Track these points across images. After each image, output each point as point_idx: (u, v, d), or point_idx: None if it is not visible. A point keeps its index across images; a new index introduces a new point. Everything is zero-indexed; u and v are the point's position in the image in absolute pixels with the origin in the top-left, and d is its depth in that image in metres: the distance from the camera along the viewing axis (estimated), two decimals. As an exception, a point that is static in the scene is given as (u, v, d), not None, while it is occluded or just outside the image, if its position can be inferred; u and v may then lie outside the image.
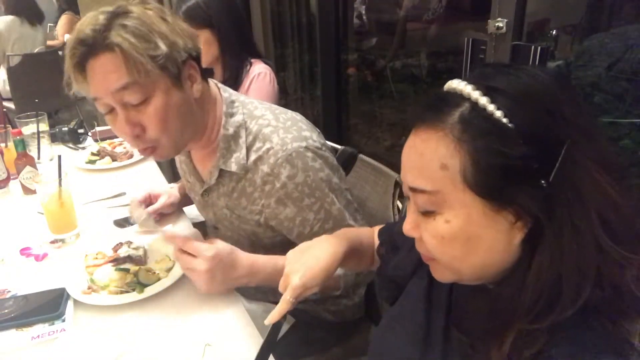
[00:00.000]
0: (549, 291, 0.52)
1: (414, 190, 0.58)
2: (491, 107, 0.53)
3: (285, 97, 3.04)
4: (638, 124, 1.65)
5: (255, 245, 1.12)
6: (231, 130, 1.04)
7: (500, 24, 1.31)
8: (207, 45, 1.65)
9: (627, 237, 0.53)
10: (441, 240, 0.57)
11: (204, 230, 1.24)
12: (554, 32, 1.73)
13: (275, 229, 1.08)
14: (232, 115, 1.05)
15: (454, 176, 0.55)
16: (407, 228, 0.62)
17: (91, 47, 0.88)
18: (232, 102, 1.07)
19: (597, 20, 1.66)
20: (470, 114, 0.54)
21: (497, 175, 0.53)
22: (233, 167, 1.03)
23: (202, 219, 1.66)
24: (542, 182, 0.52)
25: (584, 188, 0.53)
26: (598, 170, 0.53)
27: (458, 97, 0.56)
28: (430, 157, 0.56)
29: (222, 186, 1.09)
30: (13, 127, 1.68)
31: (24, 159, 1.49)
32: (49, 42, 4.45)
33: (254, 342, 0.87)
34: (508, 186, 0.53)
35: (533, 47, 1.28)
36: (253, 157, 1.03)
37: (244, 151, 1.03)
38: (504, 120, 0.53)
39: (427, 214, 0.58)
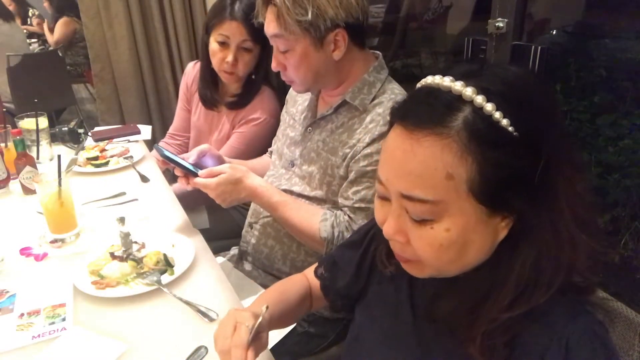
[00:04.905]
0: (527, 283, 0.56)
1: (409, 198, 0.56)
2: (497, 115, 0.52)
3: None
4: (638, 124, 1.65)
5: (322, 181, 1.20)
6: (371, 79, 1.17)
7: (500, 24, 1.31)
8: (254, 60, 1.64)
9: (592, 227, 0.57)
10: (439, 247, 0.56)
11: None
12: (554, 32, 1.73)
13: (349, 166, 1.15)
14: (370, 83, 1.18)
15: (459, 185, 0.53)
16: (391, 233, 0.59)
17: None
18: (377, 83, 1.18)
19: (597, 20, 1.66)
20: (475, 119, 0.53)
21: (501, 183, 0.53)
22: (356, 102, 1.15)
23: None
24: (530, 183, 0.54)
25: (559, 187, 0.55)
26: (569, 169, 0.56)
27: (455, 99, 0.54)
28: (434, 166, 0.53)
29: (331, 122, 1.20)
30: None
31: (24, 159, 1.49)
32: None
33: (254, 342, 0.87)
34: (507, 192, 0.54)
35: (533, 47, 1.28)
36: (375, 101, 1.15)
37: (371, 96, 1.16)
38: (510, 129, 0.52)
39: (423, 222, 0.56)
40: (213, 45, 1.61)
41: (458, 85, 0.54)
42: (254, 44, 1.60)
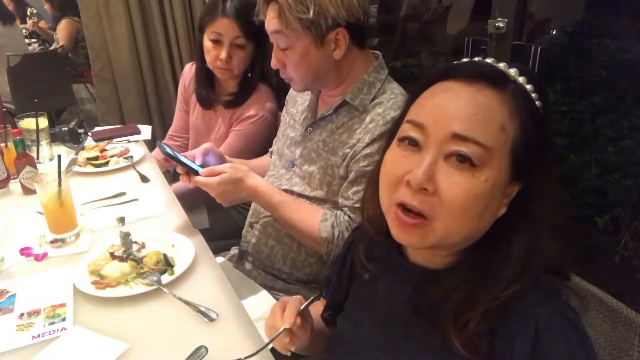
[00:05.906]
0: (522, 263, 0.59)
1: (464, 139, 0.57)
2: (534, 95, 0.61)
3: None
4: (638, 124, 1.65)
5: (322, 181, 1.20)
6: (371, 79, 1.17)
7: (500, 24, 1.31)
8: (249, 57, 1.65)
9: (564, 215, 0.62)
10: (474, 197, 0.57)
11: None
12: (554, 32, 1.73)
13: (349, 166, 1.15)
14: (370, 83, 1.18)
15: (507, 140, 0.58)
16: (423, 179, 0.57)
17: None
18: (376, 83, 1.18)
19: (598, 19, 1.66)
20: (519, 92, 0.60)
21: (531, 153, 0.59)
22: (356, 102, 1.15)
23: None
24: (541, 163, 0.61)
25: (549, 176, 0.62)
26: (550, 165, 0.63)
27: (502, 75, 0.61)
28: (492, 115, 0.58)
29: (331, 123, 1.20)
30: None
31: (24, 159, 1.49)
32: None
33: (254, 343, 0.87)
34: (530, 164, 0.59)
35: (533, 47, 1.29)
36: (375, 101, 1.15)
37: (371, 96, 1.16)
38: (539, 109, 0.61)
39: (466, 167, 0.57)
40: (207, 43, 1.62)
41: (502, 65, 0.61)
42: (246, 41, 1.60)
